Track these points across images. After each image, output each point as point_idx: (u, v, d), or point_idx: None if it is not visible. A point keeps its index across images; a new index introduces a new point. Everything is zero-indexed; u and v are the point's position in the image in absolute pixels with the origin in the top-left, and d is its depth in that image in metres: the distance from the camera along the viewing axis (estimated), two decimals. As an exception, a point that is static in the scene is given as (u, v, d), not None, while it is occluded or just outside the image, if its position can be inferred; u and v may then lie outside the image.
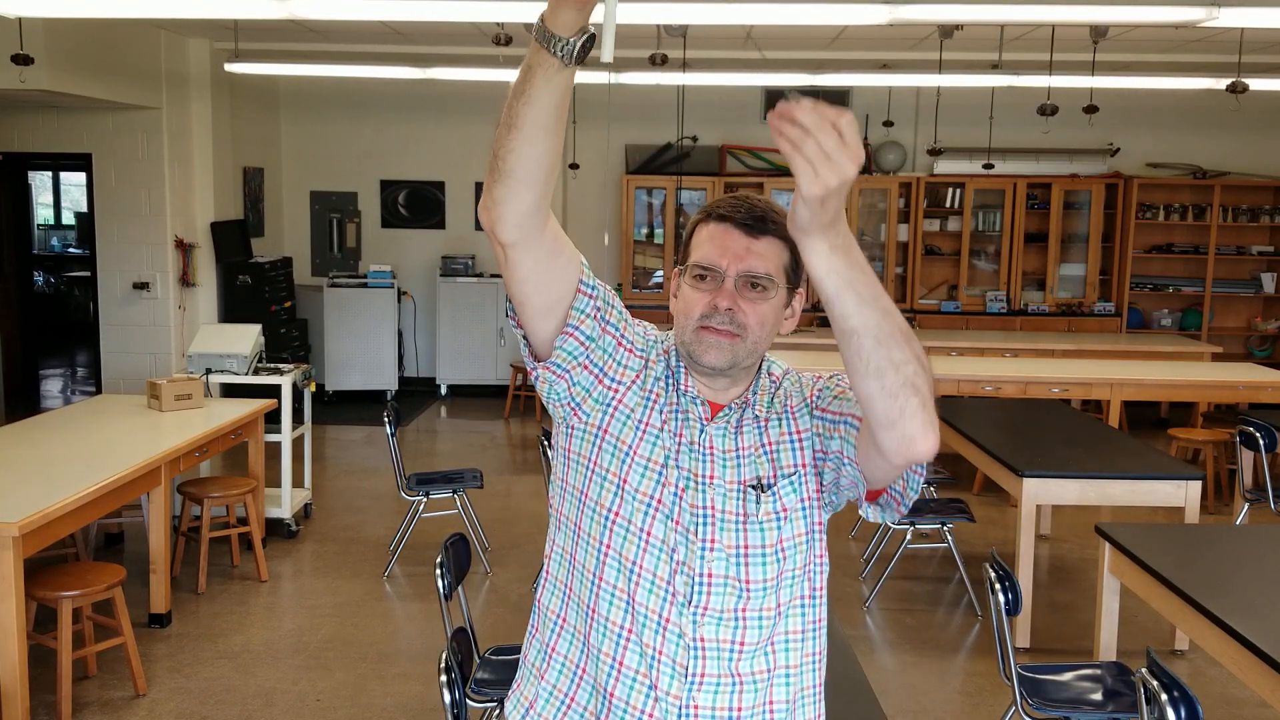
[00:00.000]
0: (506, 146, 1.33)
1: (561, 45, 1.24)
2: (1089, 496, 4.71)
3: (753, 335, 1.54)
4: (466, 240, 10.16)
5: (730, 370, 1.57)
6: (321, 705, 4.08)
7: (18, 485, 3.97)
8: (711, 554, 1.54)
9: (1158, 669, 2.43)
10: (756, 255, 1.54)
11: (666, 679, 1.54)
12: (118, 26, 7.18)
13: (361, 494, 6.91)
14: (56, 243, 14.16)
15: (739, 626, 1.55)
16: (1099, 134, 9.60)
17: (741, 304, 1.53)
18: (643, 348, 1.62)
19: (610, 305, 1.56)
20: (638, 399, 1.58)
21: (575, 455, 1.61)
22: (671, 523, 1.54)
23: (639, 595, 1.55)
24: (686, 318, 1.55)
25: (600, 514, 1.57)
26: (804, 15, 5.02)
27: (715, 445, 1.58)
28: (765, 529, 1.56)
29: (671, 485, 1.55)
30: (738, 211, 1.56)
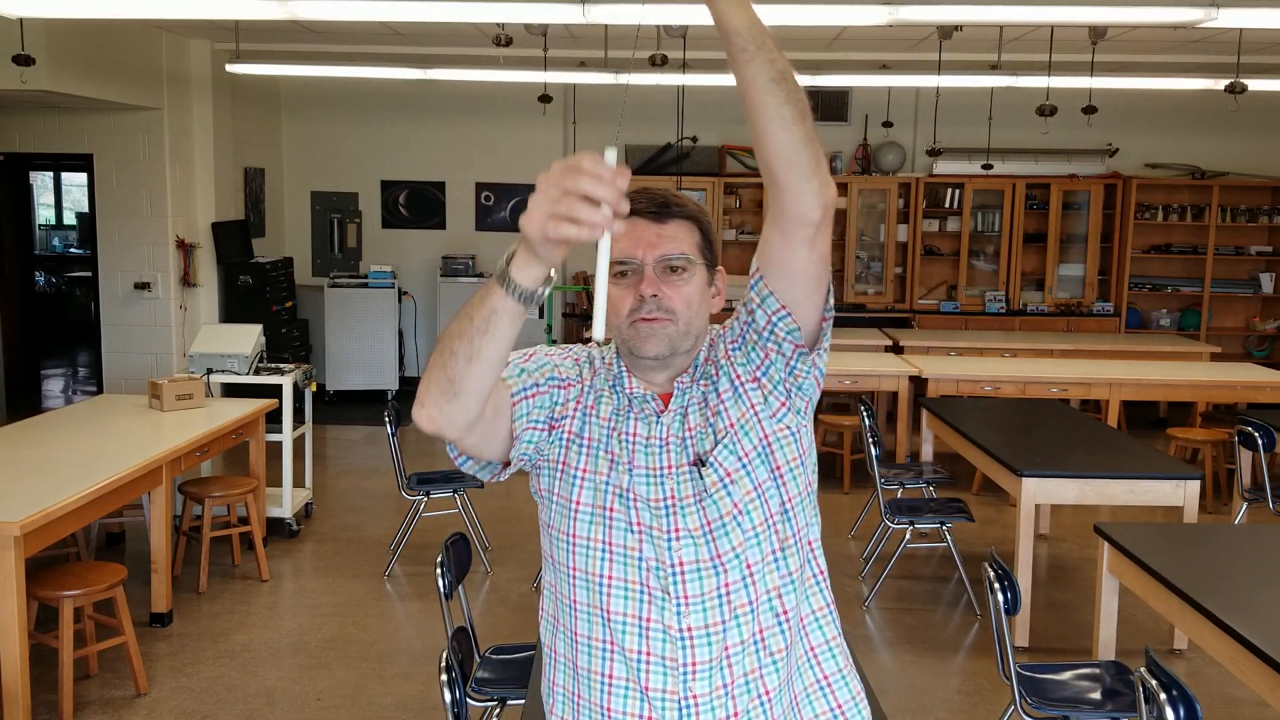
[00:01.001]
0: (464, 374, 1.39)
1: (526, 295, 1.32)
2: (1088, 496, 4.72)
3: (683, 318, 1.57)
4: (467, 240, 10.17)
5: (671, 357, 1.60)
6: (322, 704, 4.09)
7: (19, 485, 3.97)
8: (679, 542, 1.56)
9: (1156, 668, 2.44)
10: (668, 239, 1.57)
11: (658, 678, 1.56)
12: (119, 27, 7.19)
13: (362, 494, 6.92)
14: (58, 243, 14.17)
15: (723, 604, 1.57)
16: (1098, 134, 9.61)
17: (665, 289, 1.56)
18: (576, 374, 1.66)
19: (536, 381, 1.62)
20: (580, 422, 1.64)
21: (545, 492, 1.66)
22: (631, 525, 1.57)
23: (612, 605, 1.57)
24: (618, 316, 1.58)
25: (564, 539, 1.62)
26: (804, 15, 5.03)
27: (671, 434, 1.61)
28: (717, 499, 1.58)
29: (623, 489, 1.58)
30: (639, 202, 1.57)
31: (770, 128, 1.35)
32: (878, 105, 9.80)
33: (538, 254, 1.29)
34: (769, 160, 1.38)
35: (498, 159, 10.10)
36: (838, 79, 8.08)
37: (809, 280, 1.51)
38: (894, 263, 9.88)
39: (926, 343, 8.28)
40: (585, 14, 4.62)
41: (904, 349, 8.17)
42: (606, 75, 7.58)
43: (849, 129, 10.05)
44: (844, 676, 1.69)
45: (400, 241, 10.22)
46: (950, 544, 5.19)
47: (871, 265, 10.05)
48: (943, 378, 6.94)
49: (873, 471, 5.32)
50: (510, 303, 1.32)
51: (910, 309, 9.78)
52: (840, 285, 9.91)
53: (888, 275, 9.89)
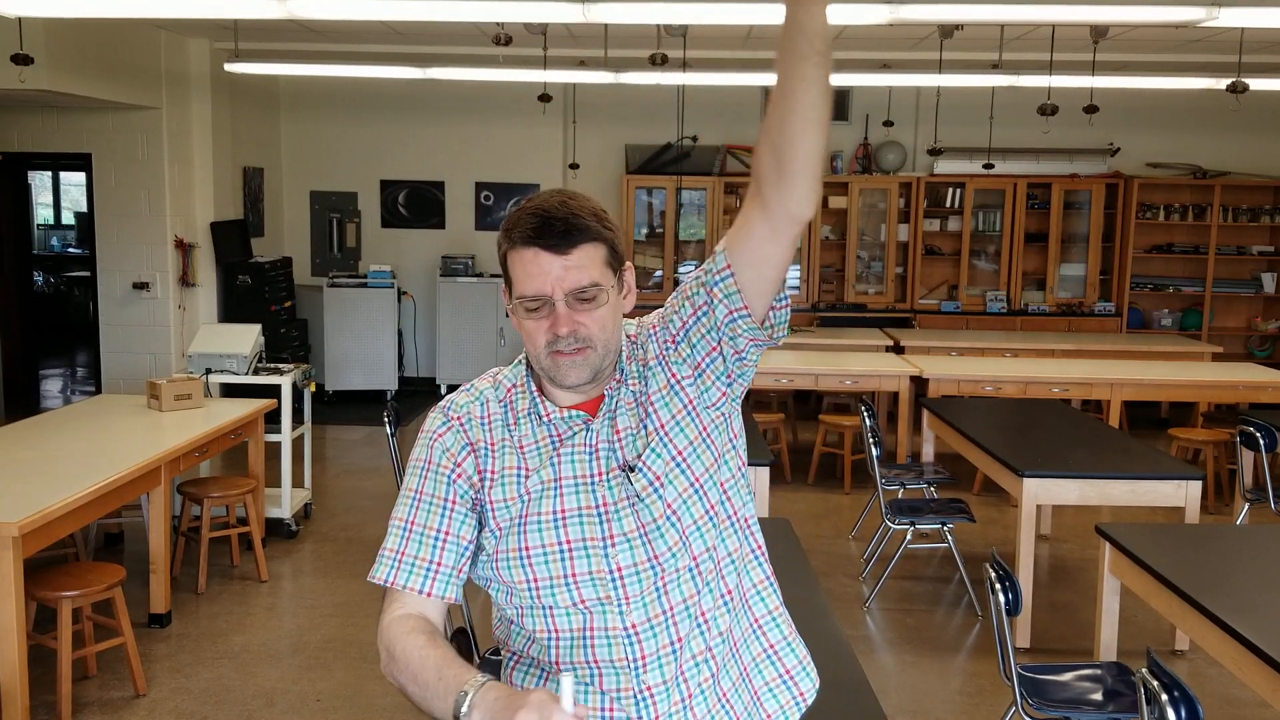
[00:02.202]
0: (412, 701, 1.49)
1: None
2: (1089, 496, 4.71)
3: (601, 341, 1.56)
4: (466, 240, 10.16)
5: (593, 378, 1.60)
6: (322, 705, 4.08)
7: (18, 485, 3.96)
8: (615, 548, 1.57)
9: (1158, 669, 2.43)
10: (577, 269, 1.53)
11: (611, 679, 1.58)
12: (118, 26, 7.18)
13: (361, 494, 6.91)
14: (56, 243, 14.16)
15: (661, 595, 1.59)
16: (1099, 134, 9.60)
17: (578, 319, 1.54)
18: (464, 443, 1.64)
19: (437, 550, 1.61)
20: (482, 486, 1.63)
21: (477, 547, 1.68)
22: (560, 546, 1.58)
23: (559, 623, 1.60)
24: (535, 346, 1.57)
25: (500, 586, 1.64)
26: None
27: (601, 440, 1.61)
28: (649, 503, 1.58)
29: (542, 516, 1.59)
30: (542, 235, 1.53)
31: (807, 128, 1.36)
32: (878, 104, 9.79)
33: None
34: (790, 158, 1.38)
35: (497, 158, 10.10)
36: (838, 78, 8.06)
37: (778, 274, 1.52)
38: (895, 262, 9.87)
39: (927, 343, 8.27)
40: (585, 13, 4.61)
41: (905, 349, 8.16)
42: (606, 75, 7.57)
43: (849, 128, 10.04)
44: (789, 643, 1.74)
45: (399, 241, 10.21)
46: (951, 545, 5.18)
47: (872, 265, 10.05)
48: (944, 378, 6.93)
49: (873, 472, 5.31)
50: None
51: (911, 309, 9.77)
52: (841, 285, 9.90)
53: (888, 275, 9.88)
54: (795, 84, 1.35)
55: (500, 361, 9.01)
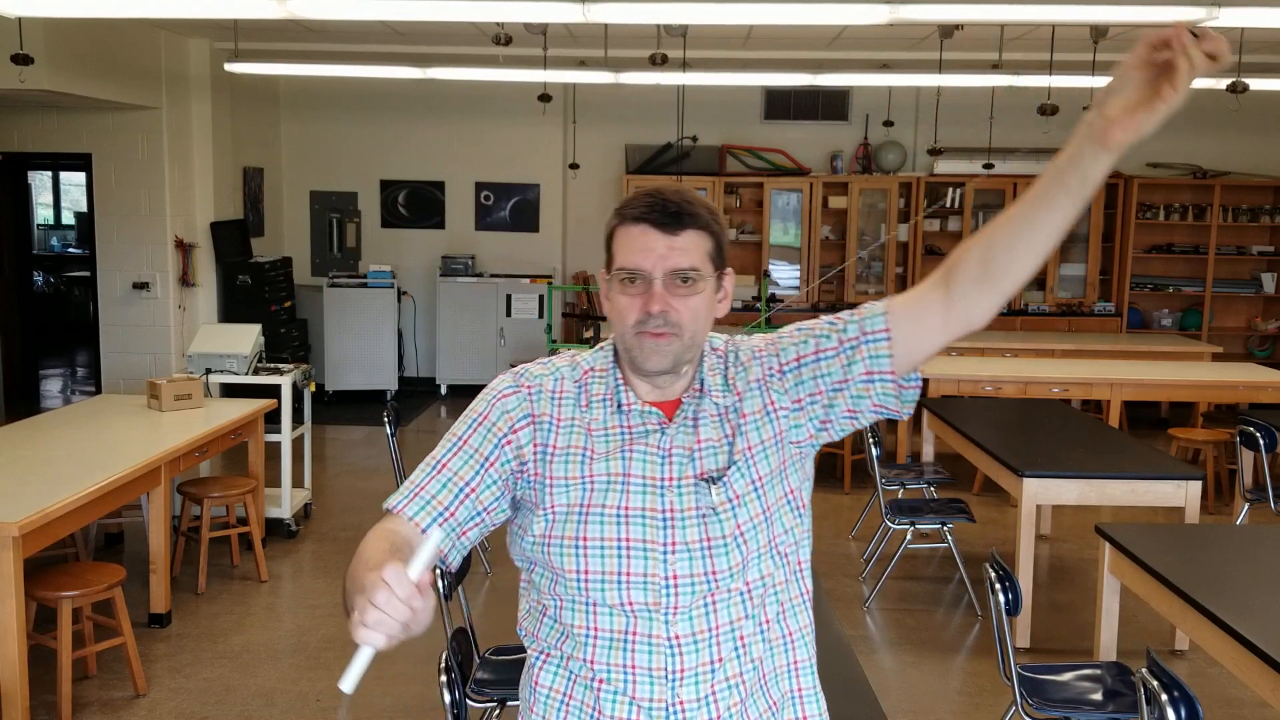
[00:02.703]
0: None
1: None
2: (1089, 496, 4.71)
3: (689, 331, 1.55)
4: (466, 240, 10.16)
5: (674, 368, 1.57)
6: (322, 705, 4.09)
7: (18, 485, 3.96)
8: (674, 555, 1.55)
9: (1158, 669, 2.43)
10: (680, 251, 1.53)
11: (645, 687, 1.55)
12: (118, 26, 7.18)
13: (361, 494, 6.91)
14: (56, 243, 14.16)
15: (710, 613, 1.56)
16: (1099, 134, 9.58)
17: (673, 302, 1.53)
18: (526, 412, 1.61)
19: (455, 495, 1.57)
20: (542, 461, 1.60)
21: (517, 525, 1.64)
22: (620, 543, 1.55)
23: (600, 623, 1.57)
24: (622, 324, 1.56)
25: (547, 571, 1.60)
26: (804, 15, 5.02)
27: (676, 444, 1.58)
28: (723, 518, 1.56)
29: (606, 509, 1.56)
30: (653, 211, 1.54)
31: (1031, 257, 1.44)
32: (878, 104, 9.79)
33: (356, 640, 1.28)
34: (999, 276, 1.46)
35: (497, 158, 10.10)
36: (838, 78, 8.08)
37: (926, 358, 1.57)
38: (895, 262, 9.87)
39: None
40: (585, 13, 4.61)
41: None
42: (606, 74, 7.57)
43: (849, 128, 10.04)
44: (816, 694, 1.71)
45: (399, 241, 10.22)
46: (951, 544, 5.18)
47: (872, 265, 10.05)
48: (943, 378, 6.93)
49: (873, 472, 5.31)
50: None
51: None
52: (841, 285, 9.90)
53: (888, 275, 9.88)
54: (1046, 214, 1.41)
55: (500, 361, 8.97)
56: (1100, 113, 1.34)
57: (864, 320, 1.57)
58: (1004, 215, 1.44)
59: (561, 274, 10.16)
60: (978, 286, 1.47)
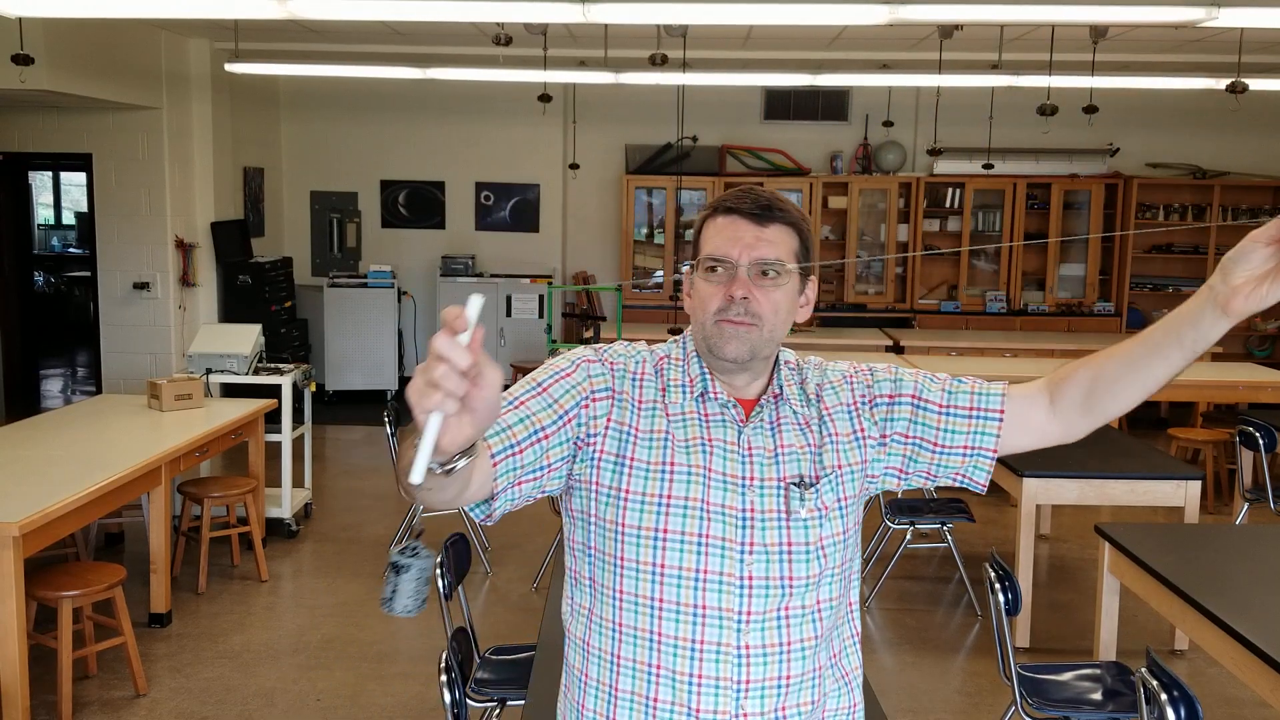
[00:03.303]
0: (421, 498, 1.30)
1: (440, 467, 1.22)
2: (1089, 496, 4.72)
3: (769, 323, 1.54)
4: (466, 240, 10.16)
5: (751, 362, 1.56)
6: (322, 705, 4.09)
7: (18, 485, 3.97)
8: (751, 556, 1.52)
9: (1157, 669, 2.43)
10: (766, 243, 1.54)
11: (709, 699, 1.52)
12: (118, 26, 7.18)
13: (362, 494, 6.91)
14: (57, 243, 14.16)
15: (783, 626, 1.54)
16: (1099, 134, 9.60)
17: (755, 293, 1.52)
18: (606, 385, 1.56)
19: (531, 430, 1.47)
20: (616, 439, 1.55)
21: (578, 512, 1.59)
22: (699, 540, 1.51)
23: (664, 629, 1.52)
24: (704, 312, 1.55)
25: (609, 562, 1.55)
26: (804, 15, 5.03)
27: (755, 444, 1.56)
28: (809, 526, 1.55)
29: (689, 502, 1.52)
30: (744, 202, 1.55)
31: (1134, 397, 1.53)
32: (878, 105, 9.79)
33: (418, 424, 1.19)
34: (1100, 408, 1.56)
35: (497, 159, 10.10)
36: (838, 78, 8.07)
37: (1015, 450, 1.67)
38: (894, 262, 9.87)
39: (927, 343, 8.27)
40: (585, 14, 4.61)
41: (904, 349, 8.16)
42: (606, 75, 7.57)
43: (849, 128, 10.04)
44: (862, 709, 1.72)
45: (400, 241, 10.22)
46: (951, 544, 5.18)
47: (872, 265, 10.05)
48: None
49: (873, 471, 5.30)
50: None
51: (911, 309, 9.78)
52: (840, 285, 9.91)
53: (888, 275, 9.89)
54: (1158, 363, 1.48)
55: (500, 361, 8.96)
56: (1224, 279, 1.38)
57: (978, 395, 1.63)
58: (1117, 352, 1.52)
59: (561, 274, 10.16)
60: (1079, 411, 1.58)
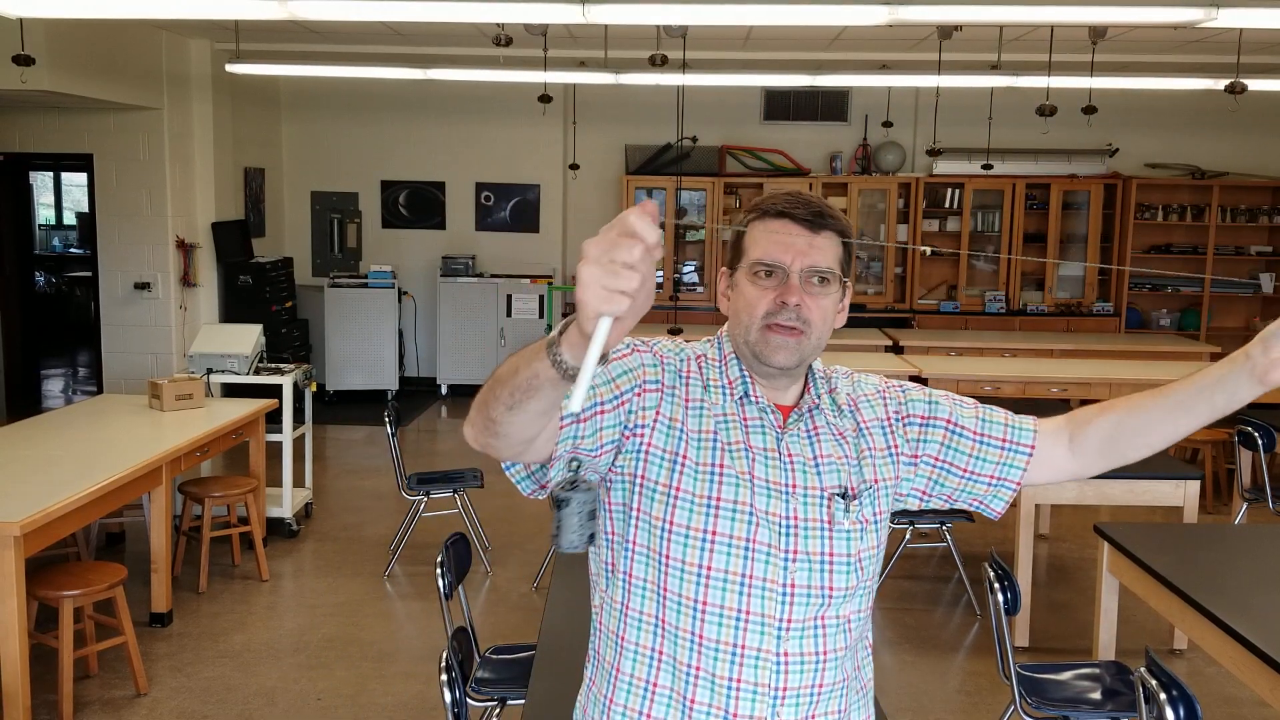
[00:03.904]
0: (504, 419, 1.30)
1: (571, 371, 1.20)
2: (1088, 496, 4.72)
3: (816, 331, 1.54)
4: (467, 240, 10.17)
5: (795, 369, 1.57)
6: (322, 704, 4.09)
7: (19, 485, 3.97)
8: (795, 564, 1.52)
9: (1156, 668, 2.44)
10: (819, 250, 1.53)
11: (748, 704, 1.52)
12: (119, 27, 7.19)
13: (362, 493, 6.92)
14: (57, 243, 14.16)
15: (819, 635, 1.55)
16: (1098, 134, 9.61)
17: (806, 300, 1.52)
18: (656, 377, 1.54)
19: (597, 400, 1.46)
20: (664, 434, 1.52)
21: (618, 505, 1.56)
22: (747, 544, 1.51)
23: (706, 631, 1.51)
24: (750, 316, 1.53)
25: (654, 558, 1.53)
26: (804, 15, 5.03)
27: (794, 452, 1.56)
28: (851, 537, 1.56)
29: (737, 505, 1.51)
30: (796, 207, 1.54)
31: (1157, 445, 1.58)
32: (878, 105, 9.80)
33: (580, 329, 1.12)
34: (1117, 456, 1.62)
35: (498, 159, 10.11)
36: (838, 79, 8.09)
37: (1036, 484, 1.72)
38: (894, 263, 9.88)
39: (926, 343, 8.28)
40: (585, 14, 4.62)
41: (904, 349, 8.17)
42: (606, 75, 7.58)
43: (849, 129, 10.05)
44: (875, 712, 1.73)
45: (400, 241, 10.22)
46: (950, 544, 5.19)
47: (872, 265, 10.05)
48: (943, 378, 6.94)
49: (873, 471, 5.31)
50: (553, 373, 1.23)
51: (910, 309, 9.78)
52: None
53: (888, 275, 9.89)
54: (1184, 419, 1.53)
55: (500, 361, 9.11)
56: (1265, 350, 1.42)
57: (1011, 427, 1.65)
58: (1143, 404, 1.56)
59: (562, 274, 10.17)
60: (1097, 454, 1.62)
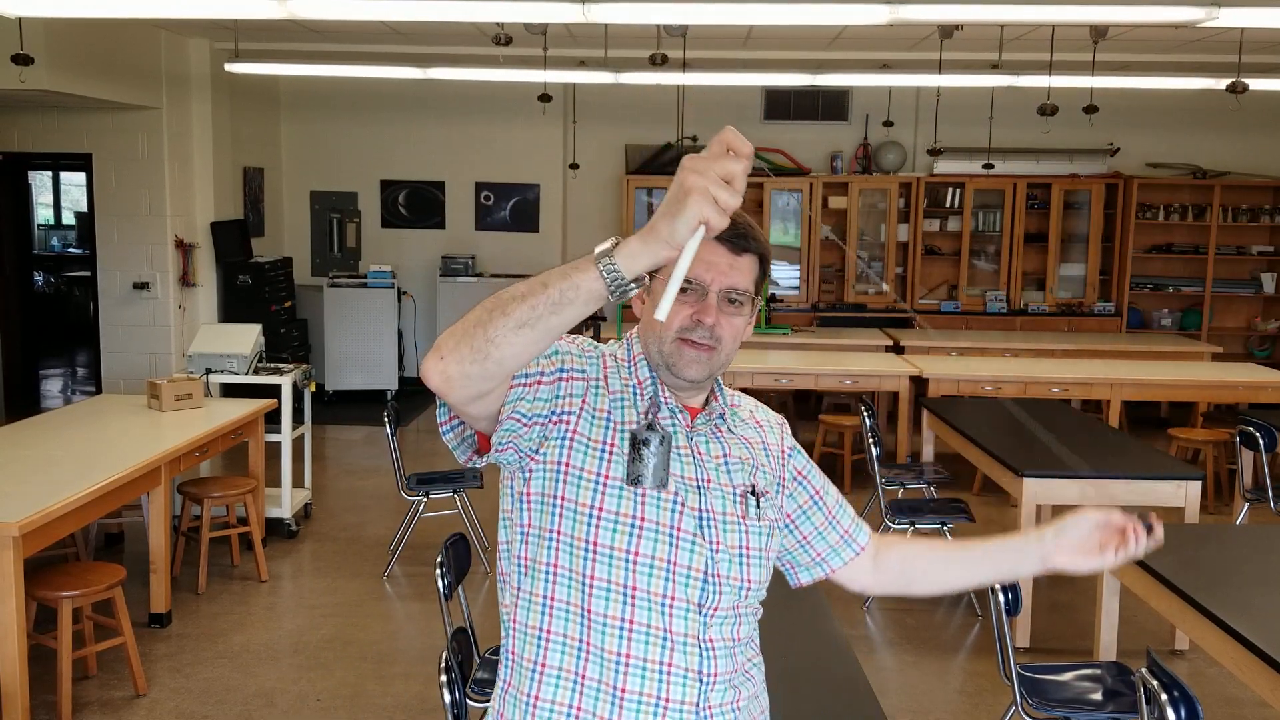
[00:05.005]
0: (506, 339, 1.31)
1: (620, 284, 1.27)
2: (1089, 496, 4.71)
3: (726, 348, 1.59)
4: (466, 240, 10.16)
5: (704, 381, 1.62)
6: (322, 705, 4.09)
7: (18, 485, 3.97)
8: (718, 554, 1.57)
9: (1158, 669, 2.43)
10: (739, 272, 1.57)
11: (679, 689, 1.54)
12: (118, 26, 7.18)
13: (361, 494, 6.91)
14: (56, 243, 14.16)
15: (737, 622, 1.61)
16: (1099, 134, 9.60)
17: (720, 319, 1.57)
18: (582, 368, 1.58)
19: (543, 370, 1.52)
20: (589, 423, 1.55)
21: (537, 495, 1.56)
22: (671, 532, 1.54)
23: (637, 616, 1.53)
24: (665, 327, 1.57)
25: (580, 547, 1.53)
26: (804, 15, 5.03)
27: (702, 450, 1.62)
28: (762, 533, 1.64)
29: (656, 496, 1.54)
30: (726, 229, 1.55)
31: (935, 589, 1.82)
32: (878, 104, 9.79)
33: (660, 241, 1.23)
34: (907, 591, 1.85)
35: (497, 158, 10.10)
36: (838, 78, 8.07)
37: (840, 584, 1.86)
38: (895, 262, 9.87)
39: (927, 343, 8.27)
40: (585, 13, 4.61)
41: (905, 349, 8.16)
42: (606, 75, 7.57)
43: (849, 128, 10.04)
44: None
45: (400, 241, 10.22)
46: (951, 544, 5.17)
47: (872, 265, 10.05)
48: (943, 378, 6.93)
49: (873, 472, 5.31)
50: (599, 285, 1.26)
51: (911, 309, 9.77)
52: (841, 285, 9.91)
53: (888, 275, 9.88)
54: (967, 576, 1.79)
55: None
56: (1055, 536, 1.69)
57: (855, 524, 1.82)
58: (943, 547, 1.79)
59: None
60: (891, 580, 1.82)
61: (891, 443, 7.13)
